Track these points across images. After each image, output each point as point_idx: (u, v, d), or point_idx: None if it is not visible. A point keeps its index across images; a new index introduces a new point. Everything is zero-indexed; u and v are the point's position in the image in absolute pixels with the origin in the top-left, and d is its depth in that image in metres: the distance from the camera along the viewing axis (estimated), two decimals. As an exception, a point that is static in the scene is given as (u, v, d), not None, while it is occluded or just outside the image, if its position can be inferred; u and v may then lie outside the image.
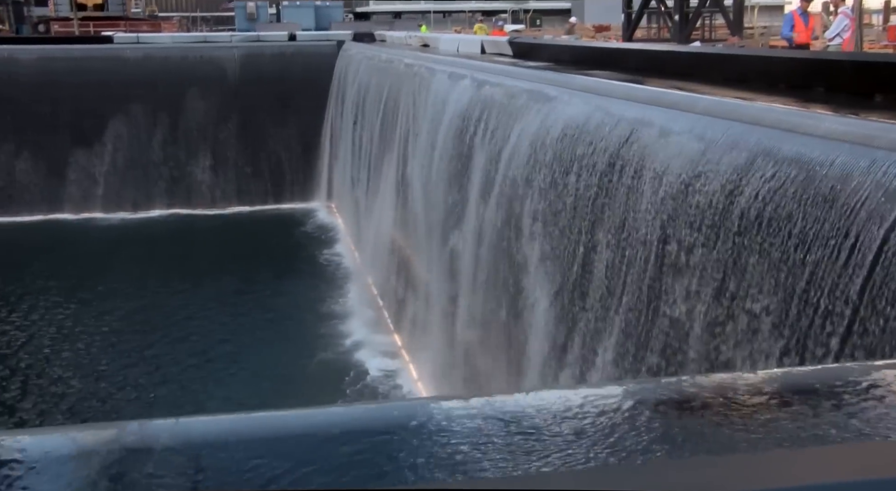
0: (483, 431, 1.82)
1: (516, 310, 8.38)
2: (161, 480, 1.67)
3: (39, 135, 25.07)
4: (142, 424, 2.08)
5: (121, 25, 45.99)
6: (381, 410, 2.09)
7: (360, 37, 28.79)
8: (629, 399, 2.01)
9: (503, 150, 8.94)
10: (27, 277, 19.17)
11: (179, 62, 26.23)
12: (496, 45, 16.38)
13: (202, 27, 54.82)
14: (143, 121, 25.55)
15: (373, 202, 17.97)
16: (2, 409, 12.64)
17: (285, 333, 15.53)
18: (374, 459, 1.77)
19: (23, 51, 26.32)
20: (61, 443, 1.87)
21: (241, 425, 1.83)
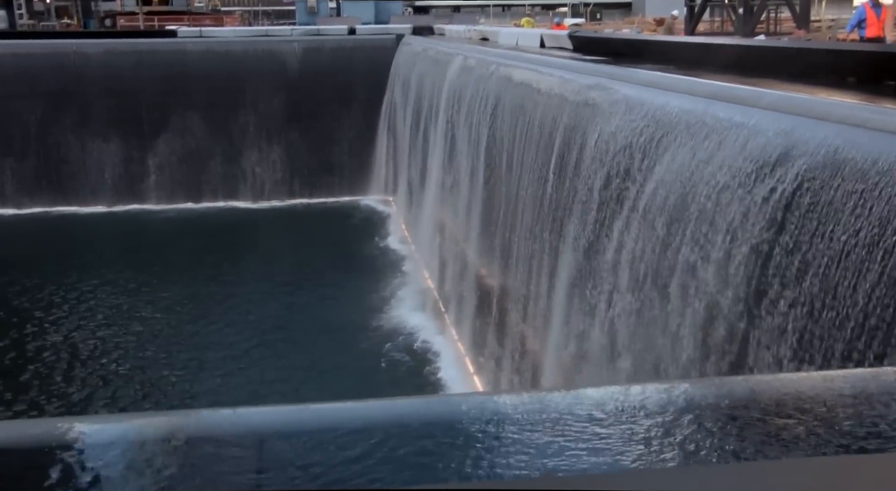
0: (541, 427, 1.82)
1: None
2: (223, 469, 1.69)
3: (105, 127, 25.60)
4: (203, 412, 2.11)
5: (184, 20, 46.73)
6: (441, 404, 2.10)
7: (420, 30, 28.82)
8: (686, 398, 1.99)
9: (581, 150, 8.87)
10: (99, 267, 19.59)
11: (241, 56, 26.56)
12: (556, 39, 16.27)
13: (263, 21, 55.41)
14: (204, 114, 25.93)
15: (430, 196, 17.99)
16: (70, 393, 12.94)
17: (345, 317, 16.02)
18: (433, 454, 1.77)
19: (90, 45, 26.89)
20: (122, 430, 1.91)
21: (305, 416, 1.84)
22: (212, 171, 26.15)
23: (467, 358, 13.73)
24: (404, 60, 23.71)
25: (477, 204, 13.19)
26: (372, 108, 25.47)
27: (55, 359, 14.26)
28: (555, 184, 9.04)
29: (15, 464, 1.73)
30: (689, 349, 5.71)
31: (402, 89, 22.76)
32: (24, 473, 1.70)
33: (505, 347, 11.67)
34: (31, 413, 12.13)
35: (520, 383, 10.68)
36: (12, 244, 22.27)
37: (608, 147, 7.54)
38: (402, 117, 21.84)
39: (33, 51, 26.25)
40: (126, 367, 13.99)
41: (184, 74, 25.88)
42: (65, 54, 26.00)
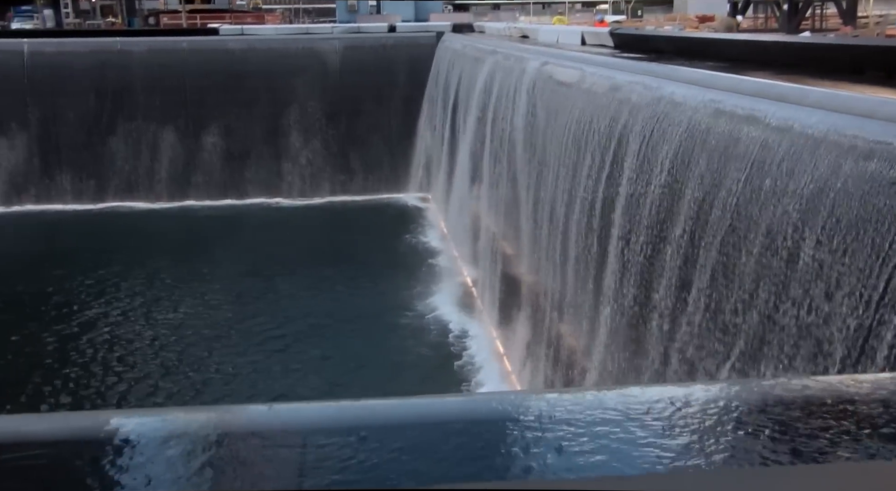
0: (589, 425, 1.81)
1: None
2: (267, 464, 1.71)
3: (149, 124, 25.93)
4: (248, 408, 2.13)
5: (226, 18, 47.13)
6: (484, 402, 2.10)
7: (459, 28, 28.82)
8: (736, 399, 1.96)
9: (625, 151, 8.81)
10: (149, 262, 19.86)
11: (281, 53, 26.74)
12: (597, 36, 16.17)
13: (304, 19, 55.73)
14: (245, 111, 26.15)
15: (467, 193, 17.98)
16: (120, 384, 13.13)
17: (383, 310, 16.28)
18: (476, 451, 1.77)
19: (134, 43, 27.24)
20: (166, 424, 1.93)
21: (347, 413, 1.85)
22: (252, 168, 26.38)
23: (500, 346, 13.89)
24: (444, 58, 23.72)
25: (515, 201, 13.15)
26: (411, 106, 25.54)
27: (102, 351, 14.48)
28: (598, 181, 8.98)
29: (60, 455, 1.76)
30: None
31: (441, 87, 22.76)
32: (69, 465, 1.73)
33: (540, 339, 11.79)
34: (78, 405, 12.33)
35: (551, 372, 10.92)
36: (61, 239, 22.73)
37: (654, 147, 7.47)
38: (442, 115, 21.85)
39: (79, 49, 26.64)
40: (173, 360, 14.16)
41: (225, 72, 26.12)
42: (109, 52, 26.36)
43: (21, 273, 18.98)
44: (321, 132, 26.39)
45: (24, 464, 1.70)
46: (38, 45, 26.50)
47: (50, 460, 1.75)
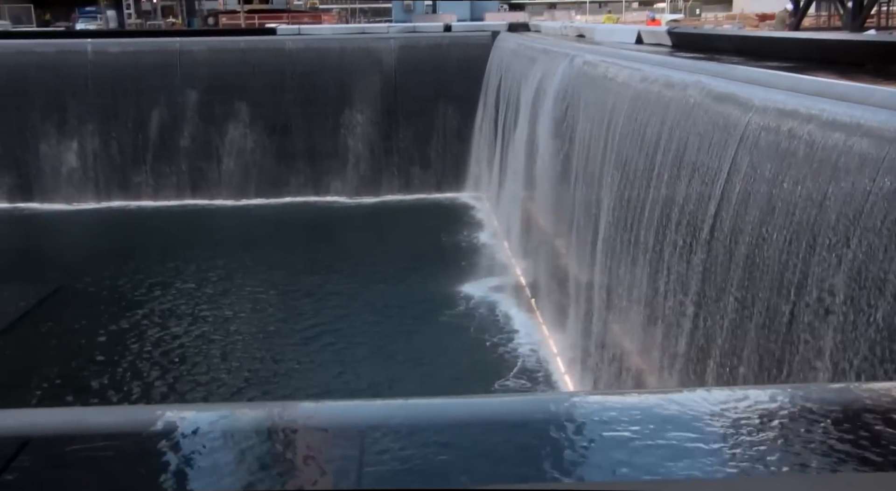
0: (641, 428, 1.79)
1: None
2: (326, 461, 1.72)
3: (208, 122, 26.34)
4: (305, 404, 2.15)
5: (284, 18, 47.66)
6: (539, 403, 2.10)
7: (515, 27, 28.76)
8: (791, 403, 1.93)
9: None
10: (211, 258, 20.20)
11: (338, 53, 26.95)
12: (654, 35, 16.01)
13: (360, 19, 56.12)
14: (301, 110, 26.42)
15: (523, 193, 17.94)
16: (167, 381, 13.37)
17: (437, 308, 16.45)
18: (531, 451, 1.77)
19: (194, 43, 27.69)
20: (220, 418, 1.96)
21: (405, 410, 1.86)
22: (309, 166, 26.63)
23: (552, 340, 13.92)
24: (499, 57, 23.68)
25: (569, 202, 13.09)
26: (467, 105, 25.55)
27: (157, 347, 14.74)
28: (652, 182, 8.90)
29: (123, 447, 1.79)
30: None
31: (496, 86, 22.75)
32: (131, 457, 1.76)
33: (590, 337, 11.85)
34: (135, 399, 12.57)
35: (601, 368, 10.98)
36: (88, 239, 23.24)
37: (714, 147, 7.38)
38: (497, 114, 21.83)
39: (141, 49, 27.17)
40: (234, 356, 14.36)
41: (282, 71, 26.43)
42: (170, 52, 26.83)
43: (95, 267, 19.45)
44: (376, 131, 26.54)
45: (90, 456, 1.74)
46: (101, 45, 27.07)
47: (114, 452, 1.79)
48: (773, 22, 30.76)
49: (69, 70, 26.12)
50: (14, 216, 25.31)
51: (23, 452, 1.65)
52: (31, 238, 23.32)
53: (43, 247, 22.36)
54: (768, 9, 34.60)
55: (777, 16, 30.70)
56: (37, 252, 21.64)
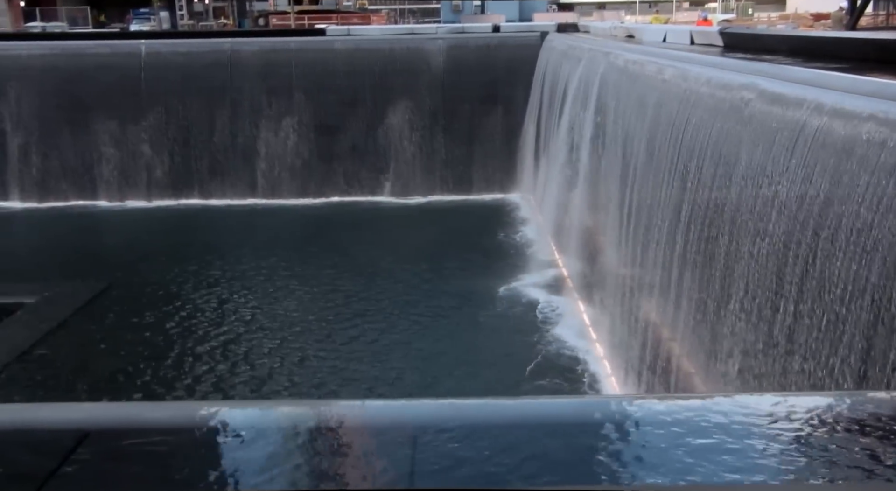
0: (694, 432, 1.77)
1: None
2: (377, 460, 1.73)
3: (258, 122, 26.63)
4: (357, 403, 2.16)
5: (333, 18, 48.06)
6: (593, 405, 2.08)
7: (564, 27, 28.64)
8: (850, 409, 1.89)
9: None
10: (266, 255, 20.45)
11: (387, 53, 27.06)
12: (705, 35, 15.83)
13: (409, 19, 56.32)
14: (350, 110, 26.59)
15: (571, 194, 17.86)
16: (218, 378, 13.54)
17: (491, 292, 17.03)
18: (584, 454, 1.76)
19: (244, 43, 28.03)
20: (270, 415, 1.97)
21: (459, 411, 1.86)
22: (357, 165, 26.79)
23: (595, 336, 13.89)
24: (548, 58, 23.60)
25: (622, 205, 12.99)
26: (516, 106, 25.51)
27: (207, 343, 14.93)
28: (702, 187, 8.80)
29: (178, 442, 1.82)
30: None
31: (545, 87, 22.67)
32: (185, 452, 1.79)
33: (626, 321, 11.99)
34: (184, 395, 12.76)
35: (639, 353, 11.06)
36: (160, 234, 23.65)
37: (770, 149, 7.28)
38: (547, 115, 21.75)
39: (192, 49, 27.56)
40: (284, 354, 14.49)
41: (332, 72, 26.62)
42: (221, 52, 27.19)
43: (144, 264, 19.81)
44: (424, 132, 26.62)
45: (146, 450, 1.76)
46: (154, 46, 27.52)
47: (168, 447, 1.81)
48: (828, 22, 30.23)
49: (123, 71, 26.59)
50: (70, 214, 25.83)
51: (82, 445, 1.68)
52: (86, 235, 23.77)
53: (97, 244, 22.79)
54: (823, 8, 34.01)
55: (833, 15, 30.17)
56: (91, 249, 22.06)
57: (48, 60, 26.86)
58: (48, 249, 22.03)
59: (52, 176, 26.76)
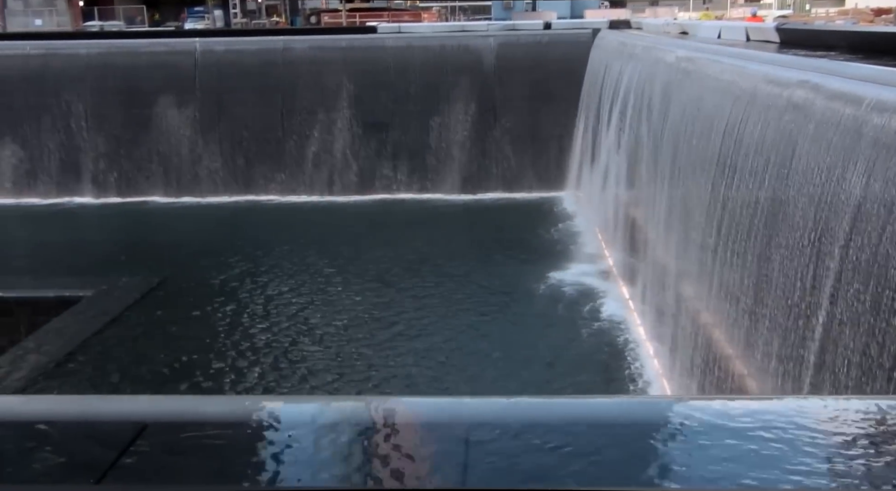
0: (751, 435, 1.74)
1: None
2: (428, 458, 1.73)
3: (310, 119, 26.86)
4: (408, 399, 2.16)
5: (384, 16, 48.27)
6: (646, 406, 2.06)
7: (616, 24, 28.42)
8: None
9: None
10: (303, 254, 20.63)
11: (438, 51, 27.10)
12: (761, 32, 15.58)
13: (460, 16, 56.34)
14: (400, 107, 26.68)
15: (622, 193, 17.73)
16: (272, 373, 13.68)
17: (542, 284, 17.38)
18: (644, 455, 1.74)
19: (297, 41, 28.29)
20: (323, 411, 1.98)
21: (512, 409, 1.85)
22: (408, 163, 26.87)
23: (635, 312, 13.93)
24: (599, 55, 23.43)
25: (672, 205, 12.86)
26: (567, 104, 25.34)
27: (261, 338, 15.10)
28: (755, 184, 8.67)
29: (235, 436, 1.84)
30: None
31: (597, 85, 22.51)
32: (242, 446, 1.81)
33: (670, 312, 12.02)
34: (236, 389, 12.92)
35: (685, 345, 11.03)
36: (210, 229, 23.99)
37: (827, 148, 7.14)
38: (598, 113, 21.59)
39: (246, 47, 27.89)
40: (337, 350, 14.60)
41: (383, 69, 26.73)
42: (274, 50, 27.46)
43: (199, 260, 20.16)
44: (475, 129, 26.60)
45: (203, 443, 1.78)
46: (208, 44, 27.89)
47: (224, 440, 1.83)
48: (890, 16, 29.53)
49: (178, 69, 27.00)
50: (128, 210, 26.32)
51: (140, 437, 1.71)
52: (141, 231, 24.20)
53: (152, 240, 23.17)
54: (885, 3, 33.22)
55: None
56: (146, 245, 22.45)
57: (106, 59, 27.39)
58: (107, 243, 22.46)
59: (112, 172, 27.27)
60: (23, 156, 27.32)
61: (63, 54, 27.69)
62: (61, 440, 1.76)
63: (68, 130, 27.18)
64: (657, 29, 24.61)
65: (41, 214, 25.99)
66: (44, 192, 27.27)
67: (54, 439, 1.76)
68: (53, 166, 27.34)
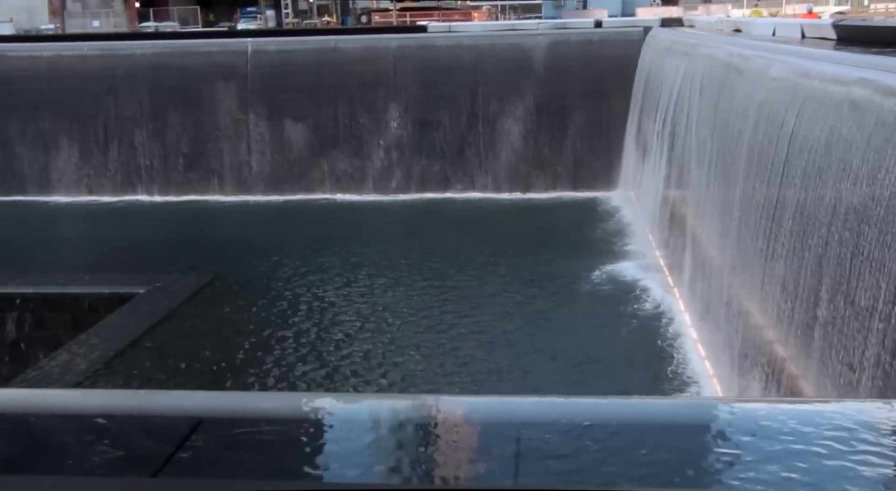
0: (810, 440, 1.72)
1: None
2: (481, 457, 1.73)
3: (360, 118, 27.01)
4: (458, 398, 2.17)
5: (434, 15, 48.30)
6: (700, 408, 2.04)
7: (668, 22, 28.13)
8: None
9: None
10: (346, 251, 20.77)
11: (488, 50, 27.08)
12: (818, 28, 15.30)
13: (510, 15, 56.18)
14: (450, 105, 26.70)
15: (672, 192, 17.56)
16: (330, 371, 13.79)
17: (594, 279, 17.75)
18: (688, 458, 1.72)
19: (347, 40, 28.47)
20: (375, 409, 2.00)
21: (564, 409, 1.85)
22: (457, 161, 26.88)
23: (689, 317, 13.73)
24: (651, 53, 23.21)
25: (727, 205, 12.69)
26: (618, 102, 25.15)
27: (311, 336, 15.22)
28: (811, 181, 8.53)
29: (282, 432, 1.86)
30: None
31: (648, 83, 22.31)
32: (294, 442, 1.83)
33: (719, 307, 11.91)
34: (287, 386, 13.03)
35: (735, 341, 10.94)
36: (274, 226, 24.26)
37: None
38: (650, 112, 21.39)
39: (297, 47, 28.15)
40: (388, 348, 14.65)
41: (433, 68, 26.78)
42: (325, 50, 27.69)
43: (250, 257, 20.36)
44: (525, 128, 26.54)
45: (256, 439, 1.81)
46: (260, 44, 28.21)
47: (277, 436, 1.85)
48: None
49: (231, 68, 27.35)
50: (185, 208, 26.76)
51: (196, 432, 1.74)
52: (195, 228, 24.54)
53: (206, 237, 23.50)
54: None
55: None
56: (200, 242, 22.76)
57: (161, 59, 27.84)
58: (163, 241, 22.84)
59: (167, 171, 27.72)
60: (81, 155, 27.89)
61: (120, 55, 28.22)
62: (119, 434, 1.79)
63: (125, 130, 27.67)
64: (710, 26, 24.30)
65: (100, 212, 26.53)
66: (102, 191, 27.81)
67: (112, 433, 1.80)
68: (111, 165, 27.87)
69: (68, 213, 26.76)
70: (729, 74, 13.56)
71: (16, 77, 27.79)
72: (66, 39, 32.97)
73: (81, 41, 30.54)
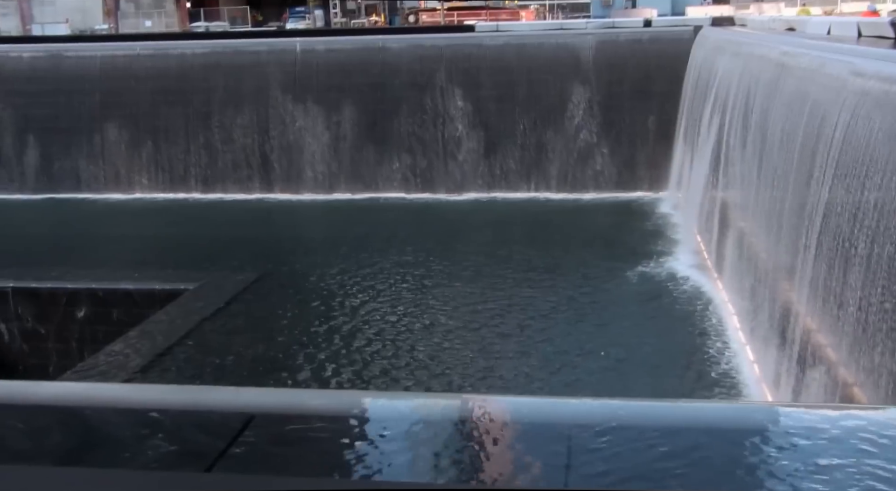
0: (853, 445, 1.69)
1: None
2: (530, 459, 1.73)
3: (408, 117, 27.08)
4: (506, 399, 2.17)
5: (482, 15, 48.22)
6: (752, 412, 2.02)
7: (719, 21, 27.77)
8: None
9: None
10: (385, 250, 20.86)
11: (536, 49, 26.98)
12: (875, 27, 15.00)
13: (558, 14, 55.92)
14: (497, 105, 26.66)
15: (722, 193, 17.35)
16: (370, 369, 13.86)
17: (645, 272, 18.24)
18: (741, 462, 1.71)
19: (395, 40, 28.58)
20: (423, 408, 2.00)
21: (615, 412, 1.84)
22: (506, 161, 26.82)
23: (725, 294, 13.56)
24: (701, 53, 22.93)
25: (777, 206, 12.51)
26: (668, 103, 24.86)
27: (359, 334, 15.30)
28: (870, 184, 8.37)
29: (333, 429, 1.87)
30: None
31: (698, 83, 22.04)
32: (343, 439, 1.84)
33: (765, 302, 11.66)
34: (335, 383, 13.12)
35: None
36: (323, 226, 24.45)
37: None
38: (700, 113, 21.13)
39: (345, 47, 28.33)
40: (435, 347, 14.67)
41: (481, 68, 26.76)
42: (373, 50, 27.81)
43: (297, 255, 20.68)
44: (573, 128, 26.39)
45: (307, 435, 1.82)
46: (308, 44, 28.45)
47: (328, 433, 1.87)
48: None
49: (279, 67, 27.61)
50: (235, 205, 27.10)
51: (248, 428, 1.76)
52: (243, 226, 24.82)
53: (253, 235, 23.74)
54: None
55: None
56: (247, 240, 23.00)
57: (211, 58, 28.21)
58: (213, 238, 23.19)
59: (217, 168, 28.07)
60: (133, 153, 28.35)
61: (172, 54, 28.65)
62: (173, 428, 1.82)
63: (176, 128, 28.08)
64: (762, 25, 23.96)
65: (152, 210, 26.95)
66: (154, 189, 28.25)
67: (167, 427, 1.82)
68: (163, 163, 28.30)
69: (119, 209, 27.23)
70: (782, 74, 13.35)
71: (69, 76, 28.36)
72: (119, 39, 33.58)
73: (134, 41, 31.12)
